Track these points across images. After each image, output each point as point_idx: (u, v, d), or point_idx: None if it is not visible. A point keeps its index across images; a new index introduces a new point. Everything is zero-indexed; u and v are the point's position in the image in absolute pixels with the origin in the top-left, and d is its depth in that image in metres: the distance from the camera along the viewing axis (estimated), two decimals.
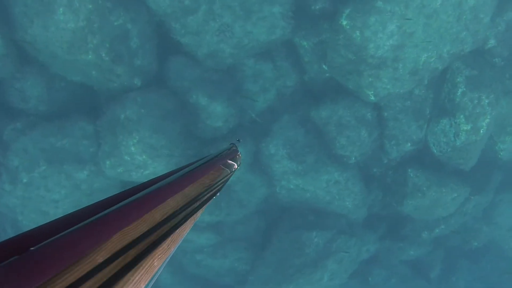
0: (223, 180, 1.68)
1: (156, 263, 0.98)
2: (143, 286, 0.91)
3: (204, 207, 1.36)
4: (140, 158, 7.04)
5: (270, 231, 9.19)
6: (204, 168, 1.42)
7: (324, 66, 8.28)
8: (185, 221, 1.16)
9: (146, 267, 0.91)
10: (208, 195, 1.41)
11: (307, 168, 8.28)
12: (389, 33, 7.30)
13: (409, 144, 8.45)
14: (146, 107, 7.12)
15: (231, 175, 1.85)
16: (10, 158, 7.53)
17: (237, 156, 2.04)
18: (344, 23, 7.45)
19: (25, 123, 7.85)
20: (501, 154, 9.27)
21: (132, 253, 0.86)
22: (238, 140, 2.81)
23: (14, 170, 7.51)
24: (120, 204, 0.86)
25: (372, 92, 7.75)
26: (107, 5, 6.87)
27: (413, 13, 7.26)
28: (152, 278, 0.96)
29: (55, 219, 0.76)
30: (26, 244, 0.62)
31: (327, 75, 8.36)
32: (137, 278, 0.86)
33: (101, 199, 0.92)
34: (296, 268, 8.73)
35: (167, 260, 1.09)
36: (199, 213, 1.31)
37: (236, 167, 1.95)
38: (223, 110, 7.70)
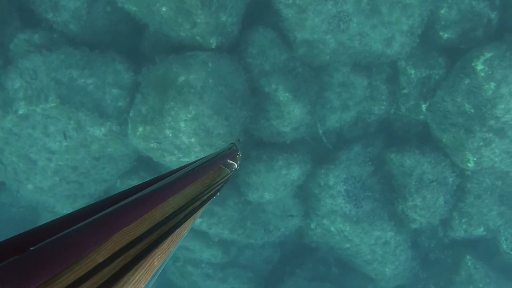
0: (223, 179, 1.63)
1: (156, 263, 0.92)
2: (143, 286, 0.85)
3: (204, 207, 1.29)
4: (186, 140, 5.23)
5: (284, 267, 7.55)
6: (205, 168, 1.32)
7: (423, 105, 6.76)
8: (185, 220, 1.10)
9: (146, 267, 0.85)
10: (208, 194, 1.36)
11: (362, 216, 6.70)
12: None
13: (482, 229, 7.04)
14: (215, 78, 5.33)
15: (231, 174, 1.79)
16: (10, 76, 5.54)
17: (237, 156, 1.94)
18: (479, 67, 5.94)
19: (46, 38, 5.88)
20: None
21: (132, 253, 0.80)
22: (238, 140, 2.74)
23: (10, 93, 5.53)
24: (121, 203, 0.78)
25: (475, 159, 6.28)
26: None
27: None
28: (152, 278, 0.90)
29: (55, 219, 0.70)
30: (26, 244, 0.58)
31: (421, 117, 6.84)
32: (137, 278, 0.81)
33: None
34: None
35: (167, 259, 1.02)
36: (199, 213, 1.26)
37: (236, 166, 1.87)
38: (300, 115, 6.01)
